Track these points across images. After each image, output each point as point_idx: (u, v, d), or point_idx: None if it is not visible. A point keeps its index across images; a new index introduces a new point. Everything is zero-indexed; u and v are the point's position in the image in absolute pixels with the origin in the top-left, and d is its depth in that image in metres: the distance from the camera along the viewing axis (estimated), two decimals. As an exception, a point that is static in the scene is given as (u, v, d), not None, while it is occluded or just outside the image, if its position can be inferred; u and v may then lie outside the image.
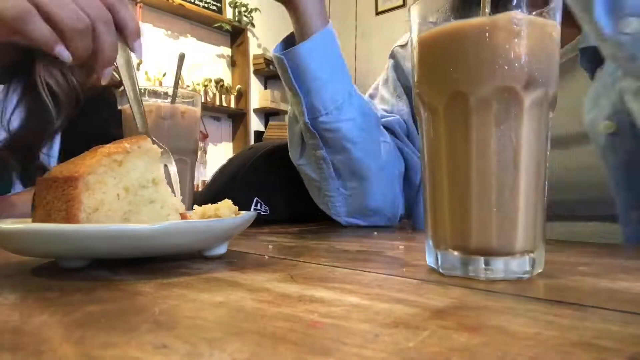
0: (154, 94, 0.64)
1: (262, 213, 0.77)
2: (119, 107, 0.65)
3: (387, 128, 0.78)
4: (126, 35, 0.53)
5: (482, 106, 0.30)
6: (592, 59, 0.58)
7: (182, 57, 0.64)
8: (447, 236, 0.33)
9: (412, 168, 0.78)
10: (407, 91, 0.83)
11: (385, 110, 0.83)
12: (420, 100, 0.34)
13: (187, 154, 0.65)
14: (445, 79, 0.32)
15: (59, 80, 0.77)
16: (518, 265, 0.31)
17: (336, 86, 0.67)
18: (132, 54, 0.55)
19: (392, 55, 0.88)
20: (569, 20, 0.59)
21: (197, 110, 0.66)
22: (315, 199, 0.76)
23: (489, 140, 0.30)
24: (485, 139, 0.30)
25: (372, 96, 0.89)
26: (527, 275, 0.31)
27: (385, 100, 0.86)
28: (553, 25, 0.31)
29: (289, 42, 0.68)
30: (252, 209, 0.77)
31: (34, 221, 0.37)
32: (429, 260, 0.35)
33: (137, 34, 0.54)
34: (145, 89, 0.64)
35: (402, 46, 0.87)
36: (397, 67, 0.86)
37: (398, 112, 0.82)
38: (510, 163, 0.30)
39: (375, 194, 0.72)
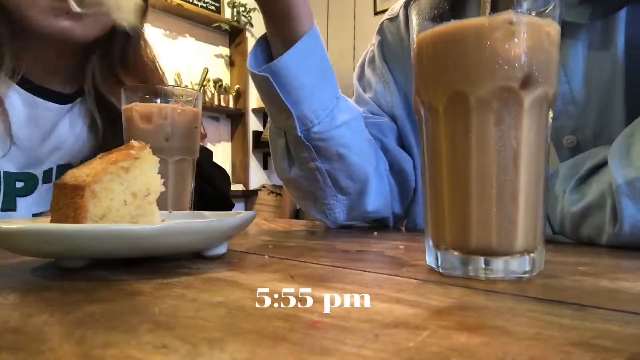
0: (160, 94, 0.64)
1: None
2: (123, 107, 0.65)
3: (379, 131, 0.75)
4: None
5: (482, 106, 0.30)
6: None
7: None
8: (447, 236, 0.33)
9: (405, 169, 0.75)
10: (395, 75, 0.78)
11: (371, 99, 0.79)
12: (420, 100, 0.34)
13: (189, 154, 0.65)
14: (445, 79, 0.32)
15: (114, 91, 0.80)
16: (518, 265, 0.31)
17: (325, 91, 0.64)
18: None
19: (380, 31, 0.82)
20: None
21: (198, 110, 0.66)
22: (310, 209, 0.72)
23: (489, 140, 0.30)
24: (485, 138, 0.30)
25: (358, 77, 0.84)
26: (527, 275, 0.31)
27: (370, 86, 0.81)
28: (552, 25, 0.31)
29: (261, 51, 0.63)
30: None
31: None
32: (429, 260, 0.35)
33: None
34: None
35: (391, 19, 0.80)
36: (384, 45, 0.80)
37: (385, 104, 0.78)
38: (511, 163, 0.30)
39: (373, 196, 0.70)
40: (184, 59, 3.85)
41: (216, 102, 4.02)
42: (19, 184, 0.77)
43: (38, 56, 0.75)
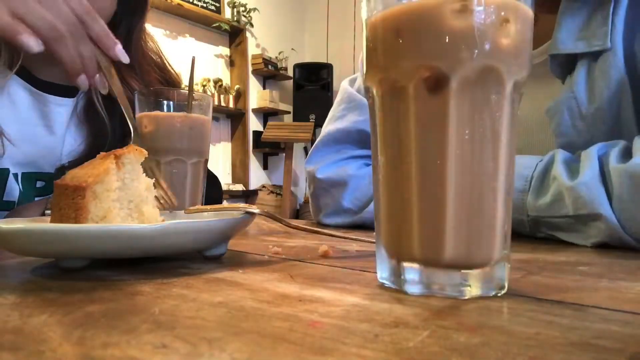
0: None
1: None
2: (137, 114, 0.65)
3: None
4: (104, 48, 0.59)
5: (462, 88, 0.26)
6: (563, 65, 0.60)
7: (193, 61, 0.65)
8: (413, 247, 0.27)
9: None
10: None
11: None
12: (377, 79, 0.29)
13: (203, 155, 0.66)
14: (407, 61, 0.27)
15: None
16: (497, 275, 0.27)
17: None
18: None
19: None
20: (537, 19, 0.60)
21: (209, 117, 0.67)
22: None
23: (463, 129, 0.26)
24: (460, 127, 0.26)
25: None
26: (503, 291, 0.27)
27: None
28: (525, 9, 0.27)
29: None
30: None
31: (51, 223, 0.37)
32: (383, 276, 0.29)
33: (112, 44, 0.59)
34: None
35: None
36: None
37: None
38: (489, 154, 0.27)
39: None
40: (184, 59, 3.85)
41: (216, 102, 4.02)
42: (39, 184, 0.77)
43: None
